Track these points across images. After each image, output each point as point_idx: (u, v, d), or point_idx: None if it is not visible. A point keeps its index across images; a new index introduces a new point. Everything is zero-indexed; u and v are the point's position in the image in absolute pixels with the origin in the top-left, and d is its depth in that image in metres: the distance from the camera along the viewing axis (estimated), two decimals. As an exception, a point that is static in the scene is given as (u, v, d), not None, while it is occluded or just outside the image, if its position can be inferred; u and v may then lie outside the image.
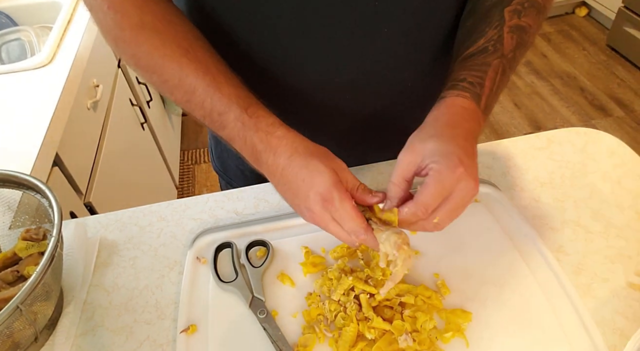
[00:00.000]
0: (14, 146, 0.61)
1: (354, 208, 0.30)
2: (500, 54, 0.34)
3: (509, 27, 0.34)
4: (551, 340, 0.34)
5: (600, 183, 0.46)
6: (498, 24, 0.34)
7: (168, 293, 0.39)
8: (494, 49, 0.34)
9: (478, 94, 0.33)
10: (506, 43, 0.34)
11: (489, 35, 0.34)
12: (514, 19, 0.34)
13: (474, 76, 0.33)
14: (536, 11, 0.35)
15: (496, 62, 0.33)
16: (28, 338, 0.34)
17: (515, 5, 0.35)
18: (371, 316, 0.34)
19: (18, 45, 0.86)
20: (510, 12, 0.34)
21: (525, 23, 0.34)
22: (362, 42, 0.37)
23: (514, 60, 0.34)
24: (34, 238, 0.38)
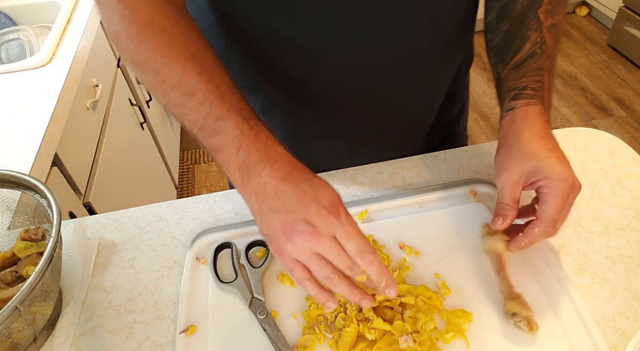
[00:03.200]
0: (13, 146, 0.61)
1: (358, 227, 0.28)
2: (547, 55, 0.35)
3: (547, 28, 0.36)
4: (552, 340, 0.34)
5: (601, 183, 0.46)
6: (537, 25, 0.36)
7: (167, 294, 0.39)
8: (541, 52, 0.35)
9: (542, 97, 0.34)
10: (548, 43, 0.35)
11: (533, 39, 0.36)
12: (549, 19, 0.36)
13: (534, 82, 0.35)
14: (562, 7, 0.37)
15: (547, 64, 0.35)
16: (27, 339, 0.34)
17: (546, 5, 0.36)
18: (371, 317, 0.34)
19: (17, 44, 0.86)
20: (544, 12, 0.36)
21: (557, 20, 0.36)
22: (377, 33, 0.37)
23: (555, 55, 0.36)
24: (32, 238, 0.38)
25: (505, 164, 0.33)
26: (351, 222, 0.28)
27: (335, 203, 0.28)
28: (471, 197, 0.45)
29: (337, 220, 0.28)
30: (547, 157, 0.32)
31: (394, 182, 0.47)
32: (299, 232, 0.28)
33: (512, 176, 0.33)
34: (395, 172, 0.48)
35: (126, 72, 1.06)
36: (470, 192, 0.45)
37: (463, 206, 0.44)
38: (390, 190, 0.46)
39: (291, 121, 0.46)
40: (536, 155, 0.32)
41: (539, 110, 0.34)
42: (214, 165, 1.52)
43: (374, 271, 0.29)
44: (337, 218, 0.28)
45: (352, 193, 0.46)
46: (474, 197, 0.45)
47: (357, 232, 0.28)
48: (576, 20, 1.97)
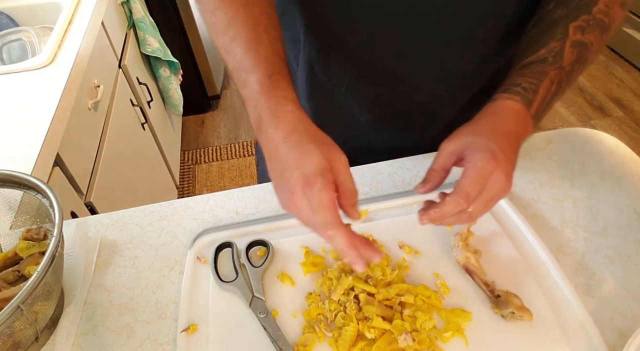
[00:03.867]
0: (15, 146, 0.61)
1: (330, 200, 0.28)
2: (559, 65, 0.34)
3: (572, 42, 0.34)
4: (550, 340, 0.34)
5: (600, 183, 0.46)
6: (561, 36, 0.35)
7: (168, 293, 0.39)
8: (554, 60, 0.34)
9: (530, 99, 0.33)
10: (566, 56, 0.34)
11: (551, 47, 0.35)
12: (578, 35, 0.35)
13: (529, 82, 0.34)
14: (600, 30, 0.35)
15: (553, 73, 0.34)
16: (29, 338, 0.34)
17: (581, 22, 0.35)
18: (371, 316, 0.34)
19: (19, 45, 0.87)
20: (575, 27, 0.35)
21: (587, 40, 0.35)
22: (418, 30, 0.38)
23: (572, 73, 0.35)
24: (34, 238, 0.38)
25: (452, 136, 0.32)
26: (323, 193, 0.28)
27: (315, 173, 0.28)
28: (470, 197, 0.45)
29: (310, 190, 0.28)
30: (487, 139, 0.31)
31: (394, 182, 0.47)
32: (283, 198, 0.30)
33: (450, 146, 0.32)
34: (395, 172, 0.48)
35: (127, 72, 1.06)
36: (469, 192, 0.45)
37: (462, 206, 0.44)
38: (390, 190, 0.46)
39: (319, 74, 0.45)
40: (480, 134, 0.31)
41: (517, 107, 0.32)
42: (215, 165, 1.53)
43: (336, 247, 0.29)
44: (310, 188, 0.28)
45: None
46: (473, 197, 0.45)
47: (325, 204, 0.28)
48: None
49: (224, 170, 1.50)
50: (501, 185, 0.30)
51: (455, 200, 0.30)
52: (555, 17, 0.36)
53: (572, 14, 0.35)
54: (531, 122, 0.33)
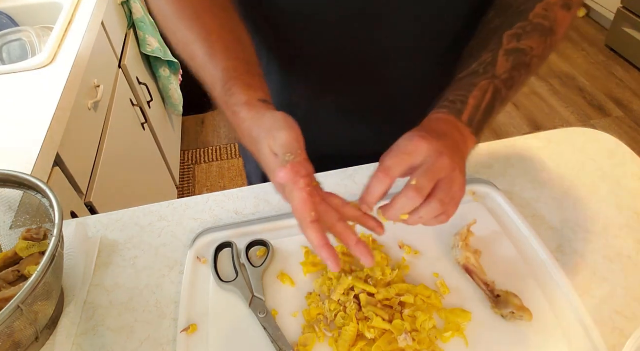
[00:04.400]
0: (15, 146, 0.61)
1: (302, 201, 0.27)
2: (491, 75, 0.33)
3: (505, 51, 0.34)
4: (550, 340, 0.34)
5: (599, 183, 0.46)
6: (495, 48, 0.34)
7: (168, 293, 0.39)
8: (484, 71, 0.34)
9: (458, 109, 0.32)
10: (499, 65, 0.34)
11: (482, 59, 0.34)
12: (512, 43, 0.34)
13: (455, 95, 0.33)
14: (539, 34, 0.35)
15: (484, 82, 0.33)
16: (29, 338, 0.34)
17: (516, 30, 0.34)
18: (371, 316, 0.34)
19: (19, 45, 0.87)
20: (509, 36, 0.34)
21: (525, 46, 0.34)
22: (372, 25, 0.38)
23: (511, 80, 0.34)
24: (34, 238, 0.38)
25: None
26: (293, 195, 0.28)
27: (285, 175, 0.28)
28: (470, 196, 0.45)
29: (283, 189, 0.29)
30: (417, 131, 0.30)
31: (394, 182, 0.47)
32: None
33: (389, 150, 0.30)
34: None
35: (127, 72, 1.06)
36: (469, 192, 0.45)
37: (462, 206, 0.44)
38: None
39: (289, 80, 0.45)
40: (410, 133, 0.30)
41: (444, 117, 0.32)
42: (215, 165, 1.53)
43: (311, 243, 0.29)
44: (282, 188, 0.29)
45: (352, 193, 0.47)
46: (472, 197, 0.45)
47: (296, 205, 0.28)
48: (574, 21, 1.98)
49: (224, 170, 1.50)
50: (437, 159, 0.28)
51: (375, 176, 0.29)
52: (492, 28, 0.36)
53: (507, 22, 0.35)
54: (466, 129, 0.32)
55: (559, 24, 0.36)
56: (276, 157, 0.28)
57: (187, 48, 0.34)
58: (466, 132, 0.32)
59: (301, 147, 0.28)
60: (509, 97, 0.34)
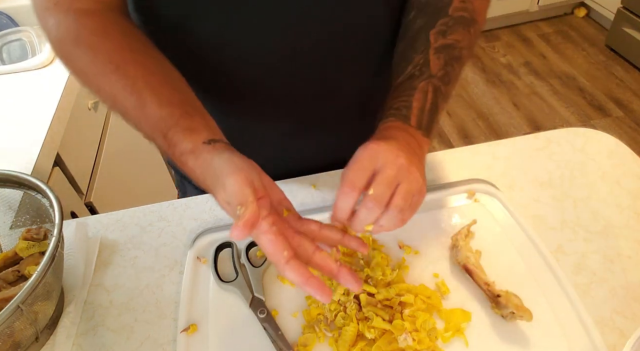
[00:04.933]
0: (15, 146, 0.61)
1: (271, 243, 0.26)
2: (427, 75, 0.34)
3: (435, 49, 0.34)
4: (550, 340, 0.34)
5: (599, 183, 0.46)
6: (424, 48, 0.35)
7: (168, 293, 0.39)
8: (420, 73, 0.34)
9: (404, 115, 0.32)
10: (433, 64, 0.34)
11: (415, 61, 0.34)
12: (440, 40, 0.34)
13: (399, 101, 0.33)
14: (463, 27, 0.35)
15: (423, 84, 0.33)
16: (29, 338, 0.34)
17: (440, 26, 0.35)
18: (371, 316, 0.34)
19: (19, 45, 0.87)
20: (435, 34, 0.35)
21: (452, 40, 0.35)
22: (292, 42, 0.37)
23: (447, 75, 0.34)
24: (34, 238, 0.38)
25: None
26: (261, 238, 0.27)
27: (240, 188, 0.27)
28: (470, 197, 0.45)
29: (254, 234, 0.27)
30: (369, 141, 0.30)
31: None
32: None
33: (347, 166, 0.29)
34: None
35: (127, 72, 1.06)
36: (468, 191, 0.45)
37: (462, 206, 0.44)
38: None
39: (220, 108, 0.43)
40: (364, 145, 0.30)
41: (393, 125, 0.32)
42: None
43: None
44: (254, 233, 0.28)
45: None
46: (473, 197, 0.45)
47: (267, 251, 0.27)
48: (574, 21, 1.98)
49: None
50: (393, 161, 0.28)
51: (340, 192, 0.28)
52: (416, 28, 0.36)
53: (431, 21, 0.35)
54: (416, 131, 0.32)
55: (477, 12, 0.36)
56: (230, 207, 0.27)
57: (116, 104, 0.31)
58: (417, 135, 0.32)
59: (252, 190, 0.26)
60: (449, 92, 0.35)
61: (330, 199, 0.46)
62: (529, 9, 1.87)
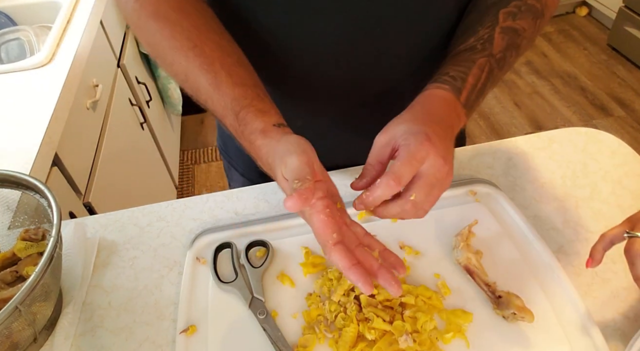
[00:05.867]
0: (13, 146, 0.61)
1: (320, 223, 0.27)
2: (489, 53, 0.34)
3: (501, 28, 0.34)
4: (552, 341, 0.34)
5: (601, 183, 0.46)
6: (491, 24, 0.35)
7: (167, 294, 0.39)
8: (482, 48, 0.34)
9: (458, 88, 0.33)
10: (496, 43, 0.34)
11: (480, 34, 0.34)
12: (508, 21, 0.34)
13: (457, 70, 0.33)
14: (532, 16, 0.35)
15: (482, 60, 0.33)
16: (27, 339, 0.34)
17: (512, 8, 0.35)
18: (371, 317, 0.34)
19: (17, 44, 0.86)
20: (505, 13, 0.35)
21: (519, 26, 0.35)
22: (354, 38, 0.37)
23: (504, 60, 0.34)
24: (33, 238, 0.38)
25: (384, 128, 0.31)
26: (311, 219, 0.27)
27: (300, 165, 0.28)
28: (471, 197, 0.45)
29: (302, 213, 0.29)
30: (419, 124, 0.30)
31: (394, 182, 0.47)
32: None
33: (384, 137, 0.30)
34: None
35: (126, 72, 1.06)
36: (470, 192, 0.45)
37: (463, 206, 0.44)
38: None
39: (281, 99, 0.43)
40: (412, 121, 0.30)
41: (446, 95, 0.32)
42: (214, 165, 1.52)
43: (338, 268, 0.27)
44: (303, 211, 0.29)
45: (352, 193, 0.46)
46: (473, 197, 0.45)
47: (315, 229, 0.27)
48: (576, 20, 1.97)
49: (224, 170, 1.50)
50: (439, 169, 0.28)
51: (385, 181, 0.28)
52: (488, 4, 0.36)
53: (504, 0, 0.35)
54: (462, 110, 0.32)
55: (548, 7, 0.36)
56: (287, 183, 0.27)
57: (189, 80, 0.32)
58: (462, 112, 0.32)
59: (312, 171, 0.27)
60: (499, 77, 0.35)
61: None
62: (530, 7, 1.86)
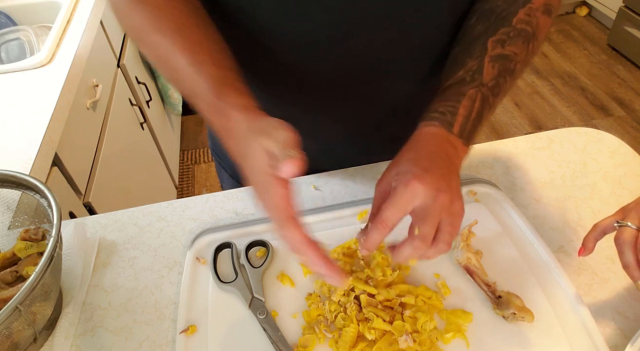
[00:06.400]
0: (13, 146, 0.61)
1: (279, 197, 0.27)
2: (479, 83, 0.33)
3: (490, 57, 0.34)
4: (552, 341, 0.34)
5: (601, 183, 0.46)
6: (480, 54, 0.34)
7: (167, 294, 0.39)
8: (472, 79, 0.33)
9: (449, 121, 0.32)
10: (486, 72, 0.33)
11: (469, 66, 0.34)
12: (497, 49, 0.34)
13: (445, 106, 0.33)
14: (523, 40, 0.34)
15: (472, 91, 0.33)
16: (27, 339, 0.34)
17: (500, 35, 0.34)
18: (371, 317, 0.34)
19: (17, 44, 0.86)
20: (493, 42, 0.34)
21: (510, 51, 0.34)
22: (348, 52, 0.37)
23: (497, 87, 0.34)
24: (33, 238, 0.38)
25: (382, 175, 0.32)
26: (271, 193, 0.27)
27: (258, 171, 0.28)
28: (471, 197, 0.45)
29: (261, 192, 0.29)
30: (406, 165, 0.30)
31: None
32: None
33: (380, 184, 0.31)
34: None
35: (126, 72, 1.06)
36: (470, 192, 0.45)
37: (463, 206, 0.44)
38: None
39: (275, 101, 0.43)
40: (401, 163, 0.31)
41: (435, 130, 0.32)
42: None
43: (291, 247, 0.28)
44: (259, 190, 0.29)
45: (352, 193, 0.46)
46: (473, 197, 0.45)
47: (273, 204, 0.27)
48: (576, 20, 1.97)
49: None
50: (435, 200, 0.28)
51: (374, 225, 0.29)
52: (475, 34, 0.35)
53: (491, 28, 0.34)
54: (458, 141, 0.32)
55: (540, 29, 0.35)
56: (266, 156, 0.27)
57: (169, 61, 0.32)
58: (458, 143, 0.32)
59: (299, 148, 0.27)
60: (496, 104, 0.34)
61: (330, 199, 0.46)
62: (530, 7, 1.86)
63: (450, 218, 0.30)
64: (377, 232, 0.29)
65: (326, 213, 0.44)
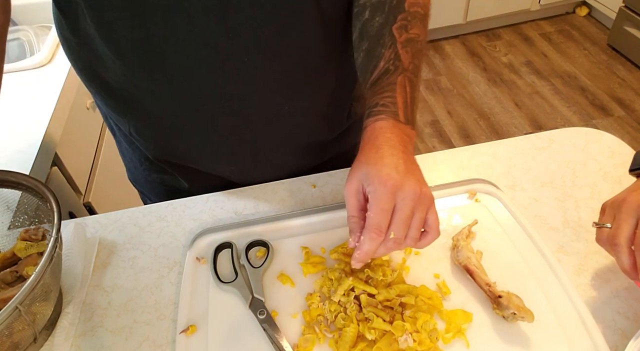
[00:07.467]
0: (13, 146, 0.61)
1: None
2: (402, 69, 0.35)
3: (401, 43, 0.36)
4: (552, 341, 0.34)
5: (601, 183, 0.46)
6: (391, 43, 0.36)
7: (167, 294, 0.39)
8: (395, 68, 0.35)
9: (393, 112, 0.34)
10: (403, 58, 0.35)
11: (386, 56, 0.36)
12: (403, 34, 0.36)
13: (384, 98, 0.34)
14: (420, 20, 0.37)
15: (400, 78, 0.35)
16: (27, 339, 0.34)
17: (401, 21, 0.36)
18: (371, 317, 0.34)
19: (17, 44, 0.86)
20: (397, 29, 0.36)
21: (414, 34, 0.36)
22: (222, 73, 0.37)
23: (417, 68, 0.36)
24: (33, 238, 0.38)
25: (347, 177, 0.33)
26: None
27: None
28: (471, 197, 0.45)
29: None
30: (376, 163, 0.31)
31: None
32: None
33: (351, 186, 0.32)
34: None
35: (126, 72, 1.06)
36: (470, 192, 0.45)
37: (463, 206, 0.44)
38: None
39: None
40: (368, 162, 0.32)
41: (387, 124, 0.33)
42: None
43: None
44: None
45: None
46: (473, 197, 0.45)
47: None
48: (576, 20, 1.97)
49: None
50: (410, 195, 0.30)
51: (368, 236, 0.30)
52: (377, 26, 0.37)
53: (390, 17, 0.36)
54: (407, 127, 0.34)
55: (427, 7, 0.38)
56: None
57: None
58: (407, 129, 0.34)
59: None
60: (419, 84, 0.37)
61: (329, 199, 0.46)
62: (530, 7, 1.86)
63: (420, 214, 0.31)
64: (371, 241, 0.30)
65: (325, 214, 0.44)
